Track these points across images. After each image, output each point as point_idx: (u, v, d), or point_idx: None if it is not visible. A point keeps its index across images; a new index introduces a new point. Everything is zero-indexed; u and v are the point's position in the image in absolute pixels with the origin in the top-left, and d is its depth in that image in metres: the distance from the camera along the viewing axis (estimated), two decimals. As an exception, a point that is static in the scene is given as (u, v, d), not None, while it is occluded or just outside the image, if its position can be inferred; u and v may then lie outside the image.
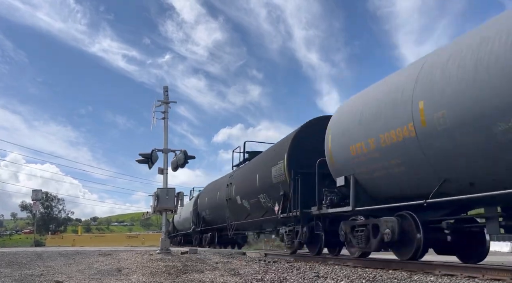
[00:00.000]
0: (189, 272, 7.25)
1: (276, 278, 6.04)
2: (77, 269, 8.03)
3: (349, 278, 5.55)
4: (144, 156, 12.02)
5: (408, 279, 5.12)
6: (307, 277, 5.91)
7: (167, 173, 12.20)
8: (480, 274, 4.95)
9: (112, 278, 6.69)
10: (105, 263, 9.10)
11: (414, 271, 5.80)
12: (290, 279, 5.88)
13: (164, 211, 11.88)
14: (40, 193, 34.00)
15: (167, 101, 12.62)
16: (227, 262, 8.82)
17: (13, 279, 6.46)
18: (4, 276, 6.83)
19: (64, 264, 8.99)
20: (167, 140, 12.50)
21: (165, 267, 7.63)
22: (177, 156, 12.20)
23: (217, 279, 6.21)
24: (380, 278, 5.34)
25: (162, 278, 6.57)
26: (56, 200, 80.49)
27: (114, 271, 7.62)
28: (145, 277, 6.69)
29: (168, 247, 11.43)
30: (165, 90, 12.79)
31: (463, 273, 5.13)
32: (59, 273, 7.30)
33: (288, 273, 6.49)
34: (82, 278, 6.64)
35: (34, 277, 6.74)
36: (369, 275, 5.63)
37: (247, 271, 7.09)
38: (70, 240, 29.68)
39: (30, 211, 74.46)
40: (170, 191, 11.81)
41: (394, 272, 5.85)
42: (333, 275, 5.92)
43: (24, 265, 8.71)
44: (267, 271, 6.94)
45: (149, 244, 24.84)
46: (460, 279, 4.82)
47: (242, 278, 6.27)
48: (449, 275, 5.16)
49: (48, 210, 78.25)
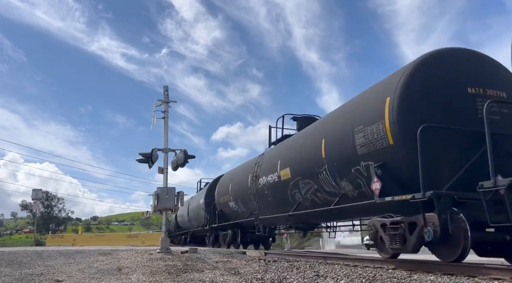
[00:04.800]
0: (189, 271, 7.25)
1: (276, 277, 6.05)
2: (77, 268, 8.03)
3: (349, 277, 5.55)
4: (144, 156, 12.01)
5: (408, 278, 5.12)
6: (307, 277, 5.91)
7: (167, 172, 12.20)
8: (480, 274, 4.96)
9: (112, 277, 6.70)
10: (105, 262, 9.10)
11: (414, 270, 5.80)
12: (290, 278, 5.88)
13: (164, 210, 11.87)
14: (41, 192, 33.98)
15: (167, 101, 12.61)
16: (227, 261, 8.82)
17: (13, 278, 6.47)
18: (4, 275, 6.83)
19: (64, 264, 8.99)
20: (167, 140, 12.50)
21: (165, 267, 7.64)
22: (177, 155, 12.19)
23: (217, 278, 6.21)
24: (380, 277, 5.34)
25: (162, 277, 6.57)
26: (56, 199, 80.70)
27: (114, 270, 7.63)
28: (145, 276, 6.69)
29: (168, 247, 11.43)
30: (165, 89, 12.78)
31: (463, 272, 5.14)
32: (59, 273, 7.30)
33: (288, 273, 6.49)
34: (82, 277, 6.64)
35: (34, 276, 6.75)
36: (369, 274, 5.63)
37: (247, 271, 7.09)
38: (70, 240, 29.63)
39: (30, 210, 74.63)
40: (170, 191, 11.80)
41: (394, 271, 5.85)
42: (333, 275, 5.91)
43: (24, 265, 8.71)
44: (267, 271, 6.94)
45: (149, 244, 24.81)
46: (460, 278, 4.82)
47: (242, 277, 6.27)
48: (449, 275, 5.16)
49: (48, 209, 78.41)
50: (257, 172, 12.99)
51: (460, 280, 4.75)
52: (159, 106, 12.54)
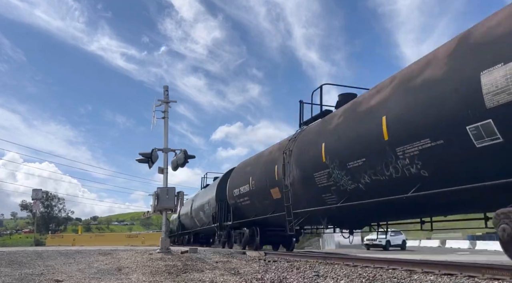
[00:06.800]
0: (189, 271, 7.25)
1: (276, 277, 6.04)
2: (77, 268, 8.03)
3: (349, 277, 5.55)
4: (144, 156, 12.02)
5: (408, 278, 5.12)
6: (307, 277, 5.91)
7: (167, 172, 12.21)
8: (480, 273, 4.95)
9: (112, 277, 6.69)
10: (105, 262, 9.10)
11: (414, 271, 5.80)
12: (290, 278, 5.88)
13: (164, 210, 11.88)
14: (41, 192, 34.01)
15: (167, 101, 12.62)
16: (227, 262, 8.82)
17: (13, 278, 6.46)
18: (4, 275, 6.83)
19: (64, 263, 8.99)
20: (167, 140, 12.51)
21: (165, 267, 7.64)
22: (177, 155, 12.20)
23: (217, 279, 6.21)
24: (380, 277, 5.33)
25: (162, 277, 6.57)
26: (56, 199, 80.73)
27: (114, 270, 7.63)
28: (145, 276, 6.69)
29: (168, 247, 11.44)
30: (165, 89, 12.79)
31: (463, 272, 5.13)
32: (59, 272, 7.30)
33: (288, 273, 6.49)
34: (82, 277, 6.64)
35: (34, 276, 6.75)
36: (369, 274, 5.63)
37: (247, 271, 7.09)
38: (70, 240, 29.66)
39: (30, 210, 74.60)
40: (170, 191, 11.81)
41: (394, 271, 5.84)
42: (333, 275, 5.91)
43: (24, 265, 8.71)
44: (267, 271, 6.94)
45: (149, 244, 24.82)
46: (460, 279, 4.81)
47: (242, 277, 6.27)
48: (449, 275, 5.16)
49: (48, 209, 78.43)
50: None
51: (460, 280, 4.75)
52: (159, 106, 12.55)
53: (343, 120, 8.56)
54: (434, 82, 5.96)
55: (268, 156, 12.93)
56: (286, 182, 10.77)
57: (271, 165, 12.13)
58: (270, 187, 12.06)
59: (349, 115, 8.41)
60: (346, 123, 8.38)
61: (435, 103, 5.85)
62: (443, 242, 39.56)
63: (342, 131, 8.39)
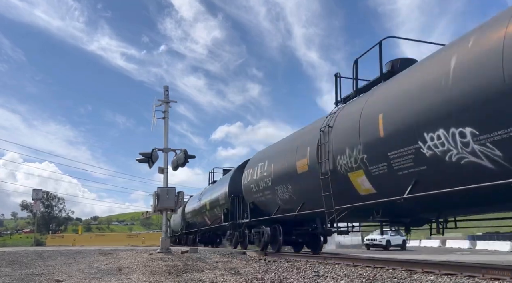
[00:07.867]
0: (190, 271, 7.25)
1: (276, 277, 6.04)
2: (77, 268, 8.04)
3: (349, 277, 5.55)
4: (144, 156, 12.03)
5: (408, 278, 5.12)
6: (307, 277, 5.91)
7: (167, 172, 12.21)
8: (480, 273, 4.96)
9: (113, 277, 6.70)
10: (105, 262, 9.10)
11: (414, 271, 5.80)
12: (290, 278, 5.88)
13: (164, 210, 11.89)
14: (41, 192, 34.02)
15: (168, 101, 12.63)
16: (227, 262, 8.82)
17: (14, 278, 6.47)
18: (5, 275, 6.83)
19: (64, 264, 8.99)
20: (167, 140, 12.52)
21: (166, 267, 7.64)
22: (177, 155, 12.21)
23: (217, 279, 6.21)
24: (380, 277, 5.33)
25: (163, 277, 6.57)
26: (56, 199, 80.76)
27: (114, 270, 7.63)
28: (145, 276, 6.69)
29: (169, 247, 11.45)
30: (165, 89, 12.80)
31: (463, 272, 5.14)
32: (59, 273, 7.30)
33: (288, 273, 6.49)
34: (82, 277, 6.64)
35: (34, 276, 6.75)
36: (369, 274, 5.63)
37: (247, 271, 7.10)
38: (70, 240, 29.68)
39: (30, 210, 74.63)
40: (170, 191, 11.82)
41: (394, 271, 5.84)
42: (333, 275, 5.91)
43: (25, 265, 8.72)
44: (267, 271, 6.95)
45: (150, 244, 24.83)
46: (460, 278, 4.82)
47: (242, 277, 6.27)
48: (449, 275, 5.16)
49: (49, 209, 78.45)
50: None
51: (460, 280, 4.75)
52: (159, 106, 12.57)
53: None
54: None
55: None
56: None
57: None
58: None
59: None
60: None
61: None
62: (443, 242, 39.56)
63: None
